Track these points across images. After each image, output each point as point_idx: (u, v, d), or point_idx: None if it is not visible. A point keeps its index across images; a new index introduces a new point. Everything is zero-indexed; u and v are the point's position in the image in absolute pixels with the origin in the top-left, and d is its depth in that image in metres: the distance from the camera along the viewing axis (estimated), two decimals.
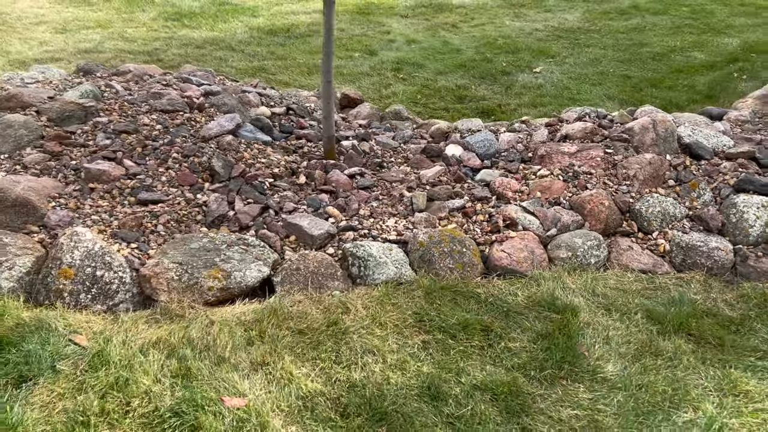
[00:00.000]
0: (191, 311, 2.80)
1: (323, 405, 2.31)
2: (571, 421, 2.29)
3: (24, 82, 4.63)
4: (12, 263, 2.88)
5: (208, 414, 2.22)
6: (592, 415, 2.31)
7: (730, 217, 3.48)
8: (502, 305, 2.90)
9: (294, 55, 7.08)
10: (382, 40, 7.81)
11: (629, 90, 6.24)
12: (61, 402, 2.31)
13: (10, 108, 4.10)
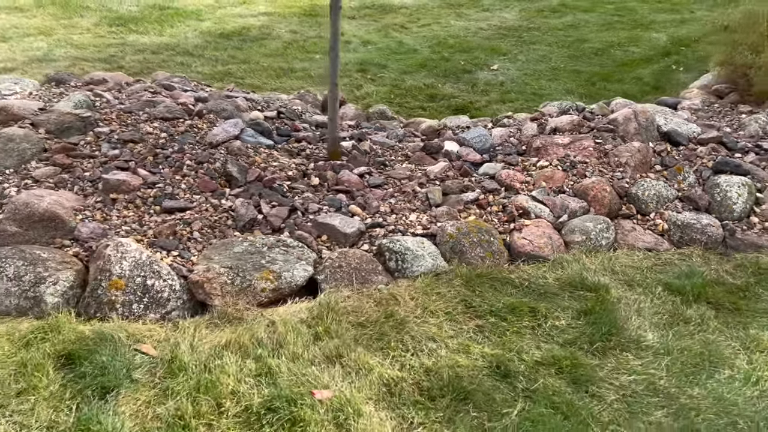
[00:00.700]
0: (247, 313, 2.86)
1: (407, 390, 2.45)
2: (631, 386, 2.53)
3: (2, 95, 4.48)
4: (56, 278, 2.86)
5: (302, 407, 2.32)
6: (648, 379, 2.56)
7: (715, 196, 3.84)
8: (537, 288, 3.12)
9: (256, 58, 7.08)
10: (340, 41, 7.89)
11: (584, 84, 6.64)
12: (150, 409, 2.35)
13: (1, 121, 3.98)
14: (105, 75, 5.24)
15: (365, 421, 2.29)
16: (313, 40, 7.93)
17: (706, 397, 2.48)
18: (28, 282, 2.83)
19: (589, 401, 2.44)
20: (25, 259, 2.89)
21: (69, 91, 4.63)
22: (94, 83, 5.05)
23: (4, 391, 2.37)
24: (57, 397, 2.36)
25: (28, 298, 2.82)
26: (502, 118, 4.85)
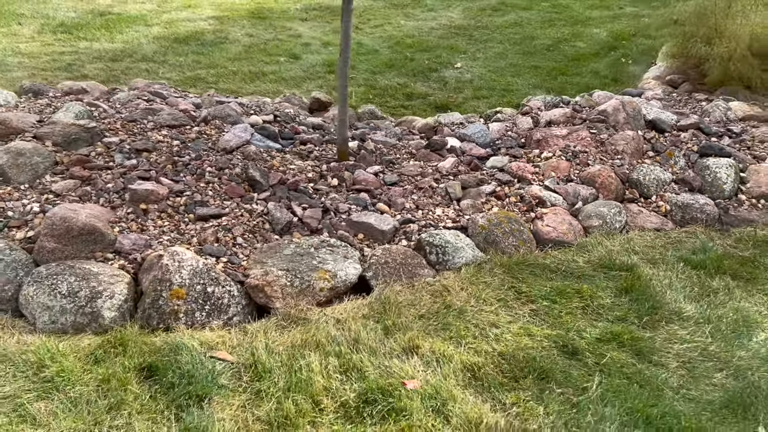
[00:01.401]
0: (310, 313, 2.91)
1: (490, 373, 2.57)
2: (686, 354, 2.75)
3: None
4: (111, 292, 2.81)
5: (398, 398, 2.40)
6: (698, 346, 2.79)
7: (706, 177, 4.16)
8: (573, 271, 3.31)
9: (221, 63, 7.00)
10: (298, 44, 7.92)
11: (546, 78, 6.94)
12: (247, 412, 2.37)
13: (0, 135, 3.83)
14: (83, 84, 5.08)
15: (461, 404, 2.40)
16: (273, 43, 7.90)
17: (753, 358, 2.72)
18: (84, 297, 2.76)
19: (656, 370, 2.63)
20: (76, 275, 2.82)
21: (56, 102, 4.47)
22: (74, 92, 4.90)
23: (93, 408, 2.33)
24: (150, 409, 2.34)
25: (85, 314, 2.76)
26: (492, 113, 5.04)
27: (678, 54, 6.42)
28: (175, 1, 10.06)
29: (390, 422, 2.31)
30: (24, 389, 2.40)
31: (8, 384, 2.42)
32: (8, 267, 2.89)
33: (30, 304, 2.77)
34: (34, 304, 2.77)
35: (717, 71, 5.96)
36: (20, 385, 2.42)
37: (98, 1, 9.75)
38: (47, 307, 2.75)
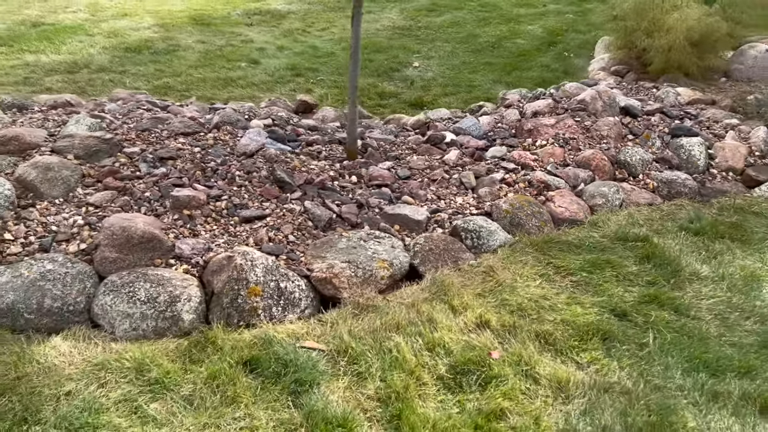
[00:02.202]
0: (376, 300, 3.09)
1: (559, 338, 2.84)
2: (716, 307, 3.12)
3: None
4: (188, 295, 2.90)
5: (489, 366, 2.64)
6: (723, 300, 3.17)
7: (681, 155, 4.62)
8: (594, 245, 3.64)
9: (184, 70, 6.96)
10: (253, 49, 7.95)
11: (502, 74, 7.34)
12: (355, 393, 2.54)
13: (12, 151, 3.77)
14: (66, 97, 4.98)
15: (546, 367, 2.66)
16: (227, 49, 7.90)
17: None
18: (164, 302, 2.83)
19: (695, 323, 2.99)
20: (151, 281, 2.88)
21: (53, 116, 4.39)
22: (59, 106, 4.81)
23: (209, 403, 2.43)
24: (265, 399, 2.47)
25: (165, 318, 2.82)
26: (476, 108, 5.35)
27: (622, 46, 6.97)
28: (108, 10, 9.82)
29: (490, 389, 2.54)
30: (134, 393, 2.47)
31: (116, 389, 2.48)
32: (75, 279, 2.90)
33: (108, 313, 2.81)
34: (113, 313, 2.80)
35: (659, 61, 6.52)
36: (128, 389, 2.48)
37: (26, 12, 9.39)
38: (127, 315, 2.80)
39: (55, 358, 2.63)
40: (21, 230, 3.18)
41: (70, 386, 2.49)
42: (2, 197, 3.29)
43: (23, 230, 3.18)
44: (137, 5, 10.21)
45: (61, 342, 2.73)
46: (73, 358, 2.65)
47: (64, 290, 2.85)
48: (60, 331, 2.80)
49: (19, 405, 2.38)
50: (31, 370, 2.55)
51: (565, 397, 2.52)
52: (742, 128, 5.06)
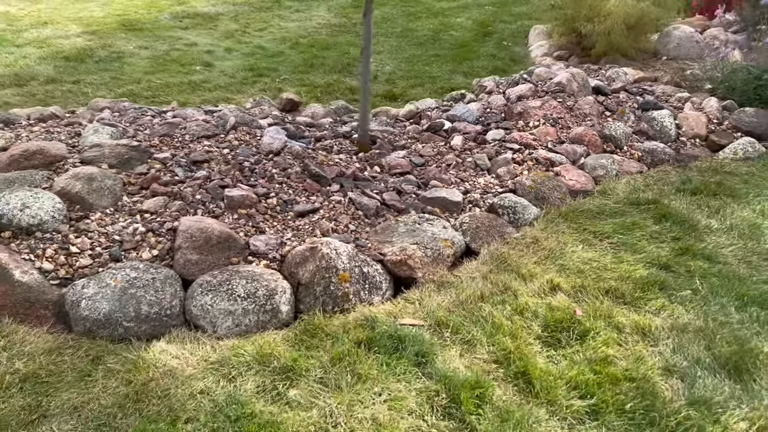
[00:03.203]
0: (447, 276, 3.30)
1: (624, 292, 3.16)
2: (738, 253, 3.55)
3: None
4: (282, 288, 2.99)
5: (578, 322, 2.92)
6: (739, 246, 3.61)
7: (654, 126, 5.11)
8: (614, 211, 4.01)
9: (141, 77, 6.78)
10: (200, 52, 7.85)
11: (455, 64, 7.66)
12: (468, 358, 2.75)
13: (37, 165, 3.67)
14: (51, 109, 4.81)
15: (625, 318, 2.97)
16: (175, 53, 7.76)
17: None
18: (263, 296, 2.90)
19: (727, 267, 3.41)
20: (246, 278, 2.94)
21: (55, 128, 4.26)
22: (46, 119, 4.65)
23: (344, 384, 2.56)
24: (394, 373, 2.62)
25: (266, 311, 2.90)
26: (458, 96, 5.62)
27: (565, 32, 7.49)
28: (24, 19, 9.35)
29: (588, 341, 2.81)
30: (267, 383, 2.55)
31: (247, 382, 2.55)
32: (165, 284, 2.91)
33: (209, 312, 2.85)
34: (214, 312, 2.85)
35: (600, 44, 7.09)
36: (260, 380, 2.56)
37: None
38: (229, 312, 2.85)
39: (171, 361, 2.66)
40: (86, 242, 3.13)
41: (200, 384, 2.53)
42: (55, 211, 3.21)
43: (88, 242, 3.13)
44: (54, 12, 9.76)
45: (167, 345, 2.75)
46: (188, 359, 2.68)
47: (157, 295, 2.85)
48: (160, 336, 2.81)
49: (162, 407, 2.41)
50: (153, 374, 2.57)
51: (652, 340, 2.83)
52: (694, 100, 5.63)
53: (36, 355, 2.64)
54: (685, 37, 7.34)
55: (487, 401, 2.45)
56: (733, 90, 5.75)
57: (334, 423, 2.36)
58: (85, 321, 2.76)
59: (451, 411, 2.42)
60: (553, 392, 2.50)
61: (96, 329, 2.77)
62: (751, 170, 4.67)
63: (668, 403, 2.46)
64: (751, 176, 4.55)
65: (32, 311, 2.86)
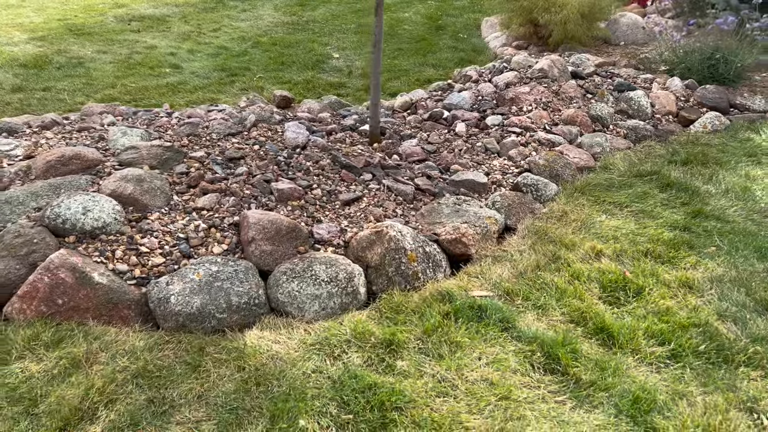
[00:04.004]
0: (495, 250, 3.53)
1: (658, 252, 3.49)
2: (739, 212, 3.96)
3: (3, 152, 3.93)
4: (359, 271, 3.14)
5: (630, 281, 3.22)
6: (740, 206, 4.02)
7: (632, 105, 5.53)
8: (622, 183, 4.35)
9: (112, 81, 6.64)
10: (164, 54, 7.74)
11: (419, 57, 7.90)
12: (546, 320, 2.99)
13: (75, 170, 3.65)
14: (50, 116, 4.70)
15: (668, 275, 3.28)
16: (138, 56, 7.62)
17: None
18: (344, 280, 3.04)
19: (736, 224, 3.80)
20: (325, 264, 3.07)
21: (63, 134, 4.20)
22: (48, 126, 4.57)
23: (443, 352, 2.74)
24: (486, 339, 2.83)
25: (348, 293, 3.04)
26: (445, 85, 5.85)
27: (523, 23, 7.86)
28: None
29: (645, 296, 3.11)
30: (372, 357, 2.70)
31: (353, 359, 2.70)
32: (247, 274, 3.00)
33: (297, 298, 2.96)
34: (302, 297, 2.96)
35: (557, 33, 7.50)
36: (366, 355, 2.72)
37: None
38: (315, 296, 2.98)
39: (273, 346, 2.76)
40: (153, 242, 3.16)
41: (309, 364, 2.66)
42: (116, 213, 3.22)
43: (155, 242, 3.17)
44: None
45: (261, 333, 2.85)
46: (288, 343, 2.79)
47: (243, 286, 2.94)
48: (251, 325, 2.90)
49: (285, 387, 2.53)
50: (261, 359, 2.67)
51: (698, 291, 3.16)
52: (659, 80, 6.10)
53: (137, 353, 2.68)
54: (632, 23, 7.87)
55: (579, 355, 2.69)
56: (690, 70, 6.26)
57: (451, 385, 2.54)
58: (178, 316, 2.82)
59: (551, 366, 2.65)
60: (634, 342, 2.77)
61: (189, 323, 2.83)
62: (722, 141, 5.14)
63: (733, 342, 2.78)
64: (725, 146, 5.02)
65: (116, 312, 2.89)
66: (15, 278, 2.93)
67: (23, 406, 2.40)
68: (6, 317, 2.89)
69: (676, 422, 2.36)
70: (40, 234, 3.05)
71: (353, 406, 2.42)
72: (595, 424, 2.37)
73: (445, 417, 2.38)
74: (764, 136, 5.15)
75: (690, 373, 2.62)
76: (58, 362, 2.63)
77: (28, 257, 2.98)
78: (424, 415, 2.39)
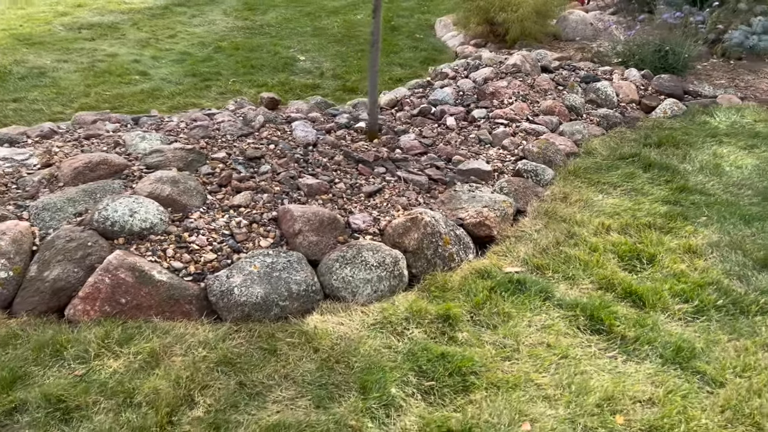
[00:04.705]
0: (512, 231, 3.82)
1: (660, 224, 3.86)
2: (718, 186, 4.37)
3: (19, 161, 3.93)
4: (401, 256, 3.36)
5: (641, 249, 3.56)
6: (715, 181, 4.45)
7: (600, 96, 5.95)
8: (608, 165, 4.72)
9: (85, 90, 6.57)
10: (128, 62, 7.68)
11: (384, 57, 8.11)
12: (582, 288, 3.29)
13: (103, 175, 3.71)
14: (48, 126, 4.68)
15: (672, 243, 3.65)
16: (102, 65, 7.53)
17: (746, 177, 4.50)
18: (390, 264, 3.25)
19: (719, 197, 4.21)
20: (370, 250, 3.27)
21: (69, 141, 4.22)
22: (46, 135, 4.56)
23: (496, 322, 3.00)
24: (531, 308, 3.09)
25: (395, 276, 3.26)
26: (425, 83, 6.12)
27: (481, 22, 8.23)
28: None
29: (659, 263, 3.46)
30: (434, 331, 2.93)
31: (417, 333, 2.92)
32: (300, 263, 3.17)
33: (351, 283, 3.15)
34: (355, 282, 3.15)
35: (514, 31, 7.90)
36: (430, 329, 2.94)
37: None
38: (367, 280, 3.17)
39: (337, 328, 2.95)
40: (202, 239, 3.27)
41: (377, 342, 2.86)
42: (161, 213, 3.32)
43: (204, 239, 3.28)
44: None
45: (322, 317, 3.03)
46: (350, 325, 2.98)
47: (300, 275, 3.10)
48: (311, 310, 3.07)
49: (364, 362, 2.72)
50: (332, 340, 2.85)
51: (701, 255, 3.54)
52: (617, 72, 6.57)
53: (211, 343, 2.80)
54: (580, 20, 8.37)
55: (618, 316, 3.00)
56: (643, 61, 6.76)
57: (513, 350, 2.80)
58: (243, 306, 2.95)
59: (595, 327, 2.94)
60: (662, 302, 3.10)
61: (254, 312, 2.96)
62: (683, 125, 5.62)
63: (745, 296, 3.16)
64: (688, 129, 5.49)
65: (177, 307, 2.99)
66: (75, 281, 2.99)
67: (119, 399, 2.49)
68: (69, 320, 2.94)
69: (717, 365, 2.70)
70: (92, 237, 3.11)
71: (432, 374, 2.64)
72: (648, 373, 2.67)
73: (517, 377, 2.63)
74: (718, 119, 5.66)
75: (715, 324, 2.97)
76: (136, 357, 2.72)
77: (84, 260, 3.04)
78: (498, 377, 2.63)
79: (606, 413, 2.45)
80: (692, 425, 2.36)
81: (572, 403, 2.50)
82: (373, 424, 2.40)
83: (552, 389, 2.58)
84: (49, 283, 2.97)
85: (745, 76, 6.82)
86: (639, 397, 2.52)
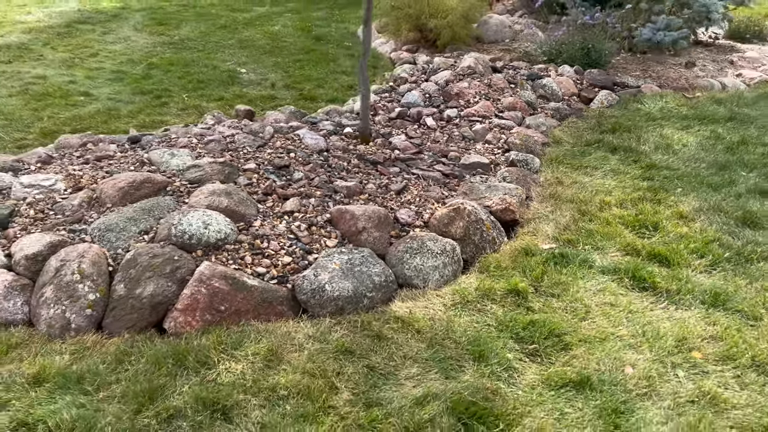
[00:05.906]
0: (531, 214, 4.27)
1: (650, 197, 4.44)
2: (678, 162, 5.06)
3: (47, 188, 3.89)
4: (456, 244, 3.70)
5: (649, 220, 4.13)
6: (674, 158, 5.14)
7: (547, 91, 6.56)
8: (580, 151, 5.29)
9: (41, 114, 6.31)
10: (63, 83, 7.40)
11: (325, 66, 8.37)
12: (611, 258, 3.78)
13: (148, 193, 3.76)
14: (41, 151, 4.58)
15: (665, 211, 4.24)
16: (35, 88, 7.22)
17: (697, 148, 5.23)
18: (451, 251, 3.58)
19: (683, 171, 4.88)
20: (431, 240, 3.58)
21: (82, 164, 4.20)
22: (44, 161, 4.48)
23: (558, 291, 3.42)
24: (579, 277, 3.54)
25: (455, 261, 3.59)
26: (387, 88, 6.46)
27: (411, 29, 8.68)
28: None
29: (662, 228, 4.02)
30: (508, 304, 3.29)
31: (497, 309, 3.27)
32: (373, 258, 3.43)
33: (422, 271, 3.45)
34: (426, 269, 3.45)
35: (445, 36, 8.42)
36: (509, 304, 3.30)
37: None
38: (435, 267, 3.48)
39: (426, 311, 3.24)
40: (275, 244, 3.45)
41: (464, 320, 3.18)
42: (229, 224, 3.45)
43: (276, 244, 3.45)
44: None
45: (403, 304, 3.30)
46: (432, 308, 3.28)
47: (377, 268, 3.36)
48: (391, 299, 3.33)
49: (467, 336, 3.03)
50: (427, 322, 3.13)
51: (692, 220, 4.14)
52: (551, 69, 7.24)
53: (318, 337, 3.00)
54: (500, 23, 9.04)
55: (653, 274, 3.50)
56: (570, 58, 7.49)
57: (585, 312, 3.22)
58: (337, 300, 3.16)
59: (641, 285, 3.43)
60: (684, 260, 3.64)
61: (346, 305, 3.19)
62: (622, 113, 6.34)
63: (743, 248, 3.77)
64: (628, 116, 6.21)
65: (271, 309, 3.16)
66: (170, 295, 3.07)
67: (265, 395, 2.65)
68: (170, 333, 3.02)
69: (749, 302, 3.25)
70: (175, 251, 3.20)
71: (530, 339, 3.00)
72: (699, 316, 3.18)
73: (600, 332, 3.05)
74: (648, 106, 6.44)
75: (731, 273, 3.55)
76: (256, 357, 2.87)
77: (174, 274, 3.12)
78: (586, 334, 3.03)
79: (684, 351, 2.91)
80: (757, 350, 2.88)
81: (654, 348, 2.94)
82: (504, 384, 2.72)
83: (632, 339, 3.01)
84: (146, 299, 3.03)
85: (656, 67, 7.73)
86: (704, 335, 3.01)
